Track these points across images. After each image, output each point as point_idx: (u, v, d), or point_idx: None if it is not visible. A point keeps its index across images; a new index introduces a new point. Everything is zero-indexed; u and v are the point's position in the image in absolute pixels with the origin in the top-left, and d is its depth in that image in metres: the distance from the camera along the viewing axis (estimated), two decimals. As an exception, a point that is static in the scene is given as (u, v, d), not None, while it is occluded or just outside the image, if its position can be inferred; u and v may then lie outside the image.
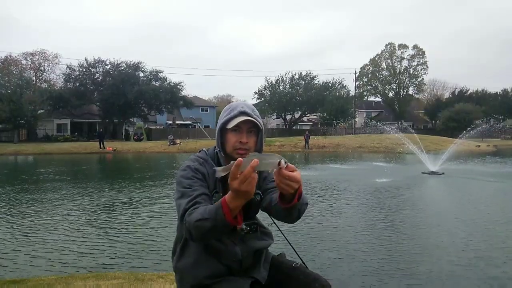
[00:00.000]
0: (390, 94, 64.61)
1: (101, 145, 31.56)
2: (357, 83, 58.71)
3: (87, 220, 7.25)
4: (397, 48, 62.05)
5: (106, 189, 11.15)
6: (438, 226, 6.74)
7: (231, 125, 1.69)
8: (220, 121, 1.75)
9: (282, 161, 1.35)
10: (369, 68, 63.64)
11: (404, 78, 62.85)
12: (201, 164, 1.73)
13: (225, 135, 1.73)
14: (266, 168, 1.37)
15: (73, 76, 43.10)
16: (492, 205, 8.84)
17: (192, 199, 1.56)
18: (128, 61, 43.99)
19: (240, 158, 1.33)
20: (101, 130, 35.74)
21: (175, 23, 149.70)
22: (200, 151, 1.85)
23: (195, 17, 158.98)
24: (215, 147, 1.80)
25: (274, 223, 1.93)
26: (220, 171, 1.40)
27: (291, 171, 1.39)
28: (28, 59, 47.46)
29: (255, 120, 1.70)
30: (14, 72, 43.10)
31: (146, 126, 46.61)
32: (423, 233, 6.35)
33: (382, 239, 5.93)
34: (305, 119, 59.43)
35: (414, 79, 62.85)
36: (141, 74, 44.73)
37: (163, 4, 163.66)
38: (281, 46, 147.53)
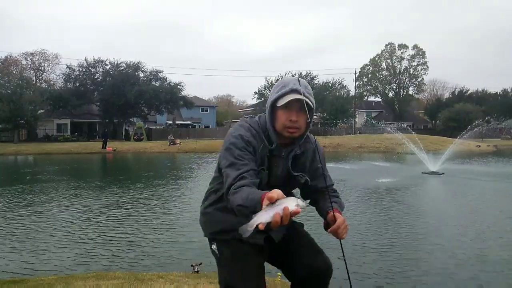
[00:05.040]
0: (390, 94, 64.52)
1: (104, 146, 31.60)
2: (357, 83, 58.67)
3: (87, 220, 7.24)
4: (397, 48, 61.96)
5: (107, 189, 11.14)
6: (438, 226, 6.73)
7: (281, 102, 1.65)
8: (271, 98, 1.71)
9: (293, 206, 1.29)
10: (369, 68, 63.55)
11: (404, 78, 62.77)
12: (254, 136, 1.71)
13: (276, 112, 1.70)
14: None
15: (73, 76, 43.11)
16: (492, 205, 8.83)
17: (239, 174, 1.57)
18: (128, 61, 44.08)
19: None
20: (105, 130, 35.91)
21: (174, 22, 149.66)
22: (251, 117, 1.83)
23: (194, 17, 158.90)
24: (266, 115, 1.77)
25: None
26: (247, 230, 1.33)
27: (338, 224, 1.68)
28: (28, 59, 47.56)
29: (305, 99, 1.65)
30: (14, 72, 43.11)
31: (146, 126, 46.60)
32: (424, 233, 6.34)
33: (381, 239, 5.92)
34: (305, 119, 59.27)
35: (414, 79, 62.76)
36: (141, 74, 44.77)
37: (162, 3, 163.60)
38: (281, 46, 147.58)
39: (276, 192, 1.31)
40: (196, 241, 5.77)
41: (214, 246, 1.86)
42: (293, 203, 1.29)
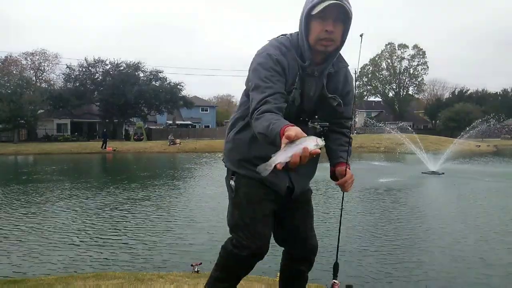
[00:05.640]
0: (390, 94, 64.55)
1: (104, 145, 31.62)
2: (357, 83, 58.43)
3: (87, 220, 7.23)
4: (397, 48, 62.00)
5: (107, 189, 11.13)
6: (438, 226, 6.72)
7: (317, 10, 1.51)
8: (305, 7, 1.57)
9: (312, 146, 1.28)
10: (369, 68, 63.59)
11: (404, 78, 62.81)
12: (283, 54, 1.60)
13: (310, 24, 1.57)
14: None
15: (73, 76, 43.10)
16: (493, 205, 8.82)
17: (263, 98, 1.50)
18: (128, 61, 44.05)
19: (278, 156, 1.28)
20: (105, 130, 35.98)
21: (174, 22, 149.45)
22: (282, 36, 1.71)
23: (194, 17, 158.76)
24: (298, 34, 1.66)
25: None
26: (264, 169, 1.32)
27: (346, 178, 1.76)
28: (28, 59, 47.47)
29: (345, 6, 1.52)
30: (14, 72, 43.06)
31: (146, 126, 46.62)
32: (424, 233, 6.34)
33: (381, 241, 5.91)
34: (305, 119, 59.29)
35: (414, 79, 62.80)
36: (141, 74, 44.77)
37: (162, 3, 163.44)
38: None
39: (294, 130, 1.26)
40: (196, 241, 5.77)
41: (232, 182, 1.81)
42: (312, 143, 1.28)
